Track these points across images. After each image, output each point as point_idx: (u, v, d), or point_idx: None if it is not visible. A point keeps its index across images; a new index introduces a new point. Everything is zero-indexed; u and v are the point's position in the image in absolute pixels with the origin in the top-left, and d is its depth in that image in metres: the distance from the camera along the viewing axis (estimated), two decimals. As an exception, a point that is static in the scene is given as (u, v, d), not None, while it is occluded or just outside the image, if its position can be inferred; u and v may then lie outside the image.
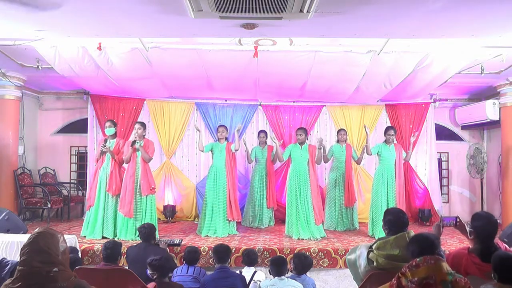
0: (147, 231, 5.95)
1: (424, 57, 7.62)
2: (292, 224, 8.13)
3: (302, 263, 5.20)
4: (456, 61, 7.72)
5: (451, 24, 5.74)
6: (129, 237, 7.57)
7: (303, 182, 8.16)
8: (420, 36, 6.40)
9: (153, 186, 7.84)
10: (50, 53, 7.56)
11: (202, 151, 8.62)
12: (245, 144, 9.57)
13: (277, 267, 4.94)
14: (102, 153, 7.92)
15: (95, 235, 7.69)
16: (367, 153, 8.59)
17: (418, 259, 2.81)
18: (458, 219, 4.05)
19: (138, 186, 7.74)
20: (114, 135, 8.08)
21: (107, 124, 8.06)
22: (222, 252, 5.25)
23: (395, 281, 2.85)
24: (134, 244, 6.31)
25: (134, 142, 7.73)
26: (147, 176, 7.78)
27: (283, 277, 4.87)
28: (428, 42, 7.12)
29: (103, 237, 7.61)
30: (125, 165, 7.99)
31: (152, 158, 7.92)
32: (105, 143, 7.92)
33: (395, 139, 8.59)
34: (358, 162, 9.48)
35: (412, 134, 9.41)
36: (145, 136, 8.04)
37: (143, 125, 7.98)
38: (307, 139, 8.77)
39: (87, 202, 8.00)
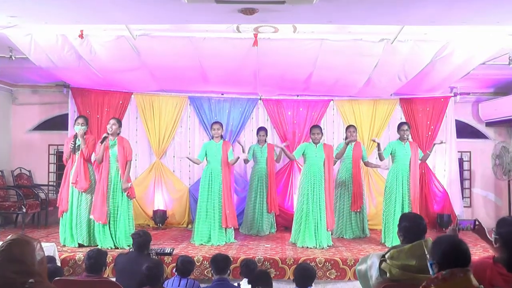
0: (142, 240, 5.89)
1: (444, 46, 7.62)
2: (299, 231, 8.14)
3: (302, 275, 5.22)
4: (480, 50, 7.72)
5: (474, 9, 5.72)
6: (107, 245, 7.57)
7: (318, 185, 8.16)
8: (439, 23, 6.40)
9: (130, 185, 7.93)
10: (24, 42, 7.54)
11: (200, 163, 8.66)
12: (242, 148, 9.51)
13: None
14: (73, 151, 7.87)
15: (71, 243, 7.71)
16: (380, 159, 8.60)
17: (444, 272, 2.75)
18: (477, 222, 4.04)
19: (115, 189, 7.78)
20: (83, 132, 7.94)
21: (80, 120, 7.94)
22: (221, 261, 5.23)
23: None
24: (124, 253, 6.32)
25: (104, 138, 7.73)
26: (123, 176, 7.82)
27: None
28: (448, 29, 7.12)
29: (79, 245, 7.65)
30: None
31: (130, 160, 7.97)
32: (75, 140, 7.87)
33: (410, 136, 8.58)
34: (366, 165, 9.49)
35: (428, 133, 9.29)
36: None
37: (118, 121, 8.03)
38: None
39: (59, 207, 7.94)
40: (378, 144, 8.59)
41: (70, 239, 7.76)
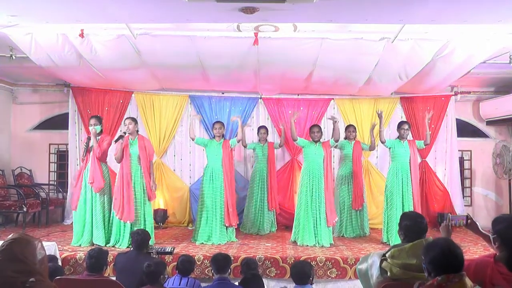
0: (141, 238, 5.90)
1: (444, 45, 7.62)
2: (300, 228, 8.17)
3: (297, 272, 5.22)
4: (480, 49, 7.72)
5: (475, 8, 5.73)
6: (123, 245, 7.56)
7: (317, 182, 8.20)
8: (439, 22, 6.40)
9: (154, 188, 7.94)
10: (25, 41, 7.56)
11: (193, 139, 8.54)
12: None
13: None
14: (85, 152, 7.89)
15: (83, 242, 7.70)
16: (381, 140, 8.53)
17: (439, 278, 2.74)
18: (468, 217, 4.04)
19: (138, 188, 7.77)
20: (100, 133, 7.99)
21: (92, 121, 7.93)
22: (221, 261, 5.22)
23: None
24: (124, 252, 6.32)
25: (120, 136, 7.73)
26: (148, 179, 7.83)
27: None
28: (448, 28, 7.12)
29: (94, 245, 7.60)
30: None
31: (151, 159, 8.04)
32: (87, 141, 7.90)
33: (410, 135, 8.57)
34: (372, 148, 9.45)
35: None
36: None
37: (134, 120, 8.02)
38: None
39: (71, 205, 7.95)
40: (380, 125, 8.55)
41: (79, 238, 7.76)
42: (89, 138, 7.92)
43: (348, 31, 7.39)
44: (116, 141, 7.74)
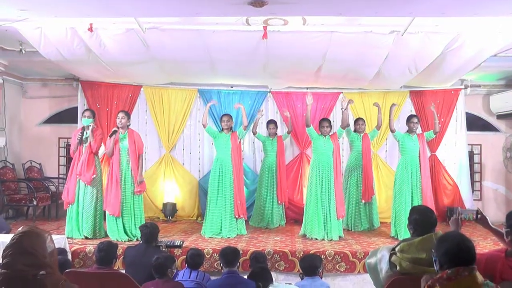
0: (149, 231, 5.96)
1: (454, 38, 7.58)
2: (309, 222, 8.19)
3: (310, 264, 5.26)
4: (491, 42, 7.66)
5: (486, 0, 5.68)
6: (117, 237, 7.63)
7: (326, 175, 8.21)
8: (450, 15, 6.36)
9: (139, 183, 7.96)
10: (34, 35, 7.57)
11: (204, 126, 8.53)
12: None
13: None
14: (79, 143, 7.92)
15: (77, 235, 7.78)
16: (390, 128, 8.52)
17: (449, 271, 2.72)
18: (478, 212, 4.03)
19: (126, 182, 7.83)
20: (93, 125, 8.04)
21: (86, 113, 8.06)
22: (230, 254, 5.23)
23: None
24: (133, 245, 6.35)
25: (114, 132, 7.78)
26: (136, 172, 7.88)
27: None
28: (458, 21, 7.07)
29: (85, 237, 7.72)
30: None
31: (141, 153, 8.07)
32: (82, 132, 7.93)
33: (419, 128, 8.55)
34: (378, 126, 9.47)
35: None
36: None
37: (127, 114, 8.09)
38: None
39: (64, 199, 7.99)
40: (390, 114, 8.61)
41: (76, 231, 7.83)
42: (83, 129, 7.95)
43: (358, 25, 7.36)
44: (110, 136, 7.80)
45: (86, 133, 7.90)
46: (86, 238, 7.70)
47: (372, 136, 9.56)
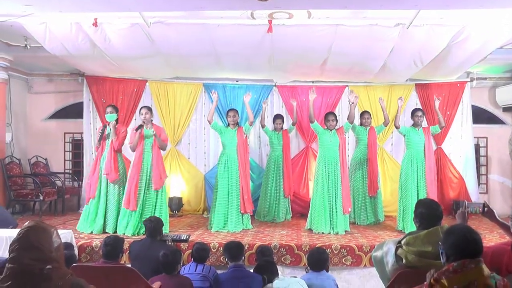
0: (153, 225, 5.97)
1: (460, 30, 7.54)
2: (315, 216, 8.18)
3: (317, 258, 5.26)
4: (497, 34, 7.62)
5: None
6: (129, 232, 7.62)
7: (333, 169, 8.21)
8: (454, 7, 6.33)
9: (162, 178, 7.93)
10: (39, 30, 7.58)
11: (210, 122, 8.51)
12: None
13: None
14: (100, 140, 7.96)
15: (95, 229, 7.78)
16: (395, 125, 8.53)
17: (455, 264, 2.69)
18: (485, 205, 4.03)
19: (147, 178, 7.82)
20: (116, 122, 8.09)
21: (108, 109, 8.08)
22: (234, 248, 5.25)
23: None
24: (138, 239, 6.37)
25: (140, 126, 7.78)
26: (159, 168, 7.88)
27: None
28: (464, 13, 7.04)
29: (105, 232, 7.68)
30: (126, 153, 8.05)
31: (166, 145, 8.12)
32: (104, 129, 7.98)
33: (425, 122, 8.53)
34: (386, 123, 9.42)
35: (444, 119, 9.13)
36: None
37: (150, 109, 8.07)
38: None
39: (86, 194, 8.04)
40: (397, 111, 8.62)
41: (91, 224, 7.84)
42: (105, 126, 8.01)
43: (363, 18, 7.34)
44: (136, 130, 7.79)
45: (109, 129, 7.94)
46: (106, 233, 7.63)
47: (378, 131, 9.54)
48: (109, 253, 4.78)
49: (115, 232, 7.69)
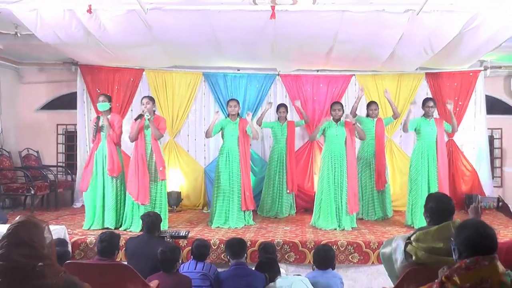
0: (151, 220, 5.95)
1: (473, 17, 7.50)
2: (321, 212, 8.17)
3: (324, 257, 5.27)
4: (512, 21, 7.61)
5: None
6: (137, 229, 7.57)
7: (339, 165, 8.18)
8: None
9: (161, 168, 7.91)
10: (30, 17, 7.53)
11: (209, 137, 8.63)
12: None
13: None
14: (96, 131, 7.94)
15: (94, 226, 7.79)
16: (403, 130, 8.55)
17: (468, 260, 2.65)
18: (500, 199, 4.02)
19: (152, 169, 7.84)
20: (109, 111, 8.06)
21: (101, 98, 8.03)
22: (235, 245, 5.26)
23: (436, 287, 2.72)
24: (135, 236, 6.37)
25: (139, 116, 7.76)
26: (159, 157, 7.88)
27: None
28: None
29: (105, 228, 7.62)
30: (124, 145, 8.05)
31: (163, 136, 8.07)
32: (98, 121, 7.96)
33: (436, 112, 8.50)
34: (395, 116, 9.50)
35: (456, 109, 9.13)
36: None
37: (151, 99, 8.07)
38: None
39: (80, 187, 8.02)
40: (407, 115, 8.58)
41: (91, 221, 7.85)
42: (98, 118, 7.98)
43: (370, 3, 7.29)
44: (136, 119, 7.77)
45: (101, 120, 7.93)
46: (107, 229, 7.56)
47: (386, 123, 9.53)
48: (105, 250, 4.77)
49: (116, 228, 7.67)
